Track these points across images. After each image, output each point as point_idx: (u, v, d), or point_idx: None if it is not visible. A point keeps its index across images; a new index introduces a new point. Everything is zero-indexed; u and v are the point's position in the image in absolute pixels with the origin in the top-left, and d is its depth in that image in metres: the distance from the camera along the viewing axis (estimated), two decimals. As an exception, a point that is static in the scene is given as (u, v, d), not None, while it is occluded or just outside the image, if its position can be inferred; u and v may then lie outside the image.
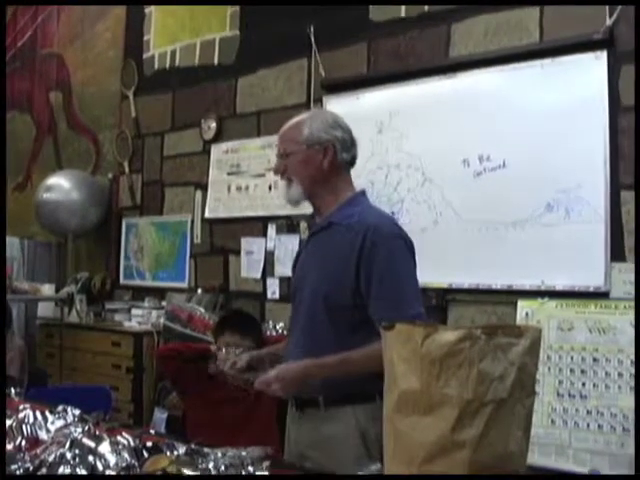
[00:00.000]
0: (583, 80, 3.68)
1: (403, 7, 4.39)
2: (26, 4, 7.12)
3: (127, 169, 6.00)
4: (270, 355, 2.66)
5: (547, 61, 3.80)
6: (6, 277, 5.37)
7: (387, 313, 2.18)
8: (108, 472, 1.73)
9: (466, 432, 1.36)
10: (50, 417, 2.20)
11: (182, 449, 1.88)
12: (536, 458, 3.44)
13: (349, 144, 2.44)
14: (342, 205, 2.42)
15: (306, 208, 2.62)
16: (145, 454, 1.84)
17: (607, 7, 3.60)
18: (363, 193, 2.52)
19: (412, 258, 2.36)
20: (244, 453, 1.82)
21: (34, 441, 2.05)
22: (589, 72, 3.66)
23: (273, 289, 4.90)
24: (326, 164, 2.39)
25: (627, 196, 3.53)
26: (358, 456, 2.24)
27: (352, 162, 2.49)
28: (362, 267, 2.26)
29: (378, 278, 2.24)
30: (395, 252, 2.28)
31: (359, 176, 4.30)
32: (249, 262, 5.08)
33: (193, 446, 1.91)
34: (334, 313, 2.32)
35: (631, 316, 3.38)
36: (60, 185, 5.94)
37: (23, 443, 2.03)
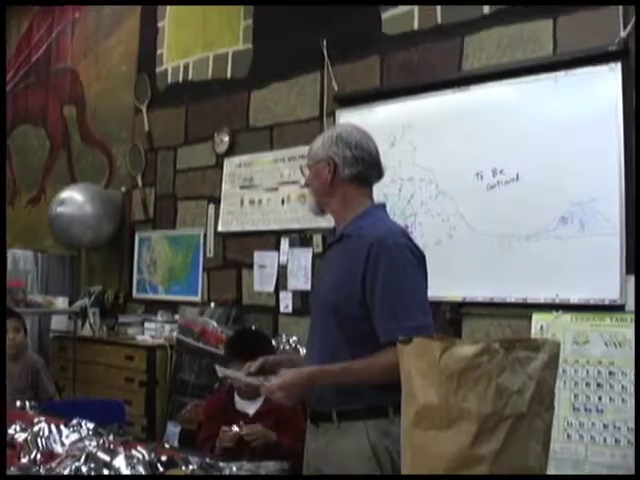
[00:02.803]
0: (597, 92, 3.66)
1: (416, 20, 4.39)
2: (26, 4, 7.15)
3: (140, 183, 6.02)
4: (288, 360, 2.67)
5: (561, 73, 3.79)
6: (18, 287, 5.41)
7: (387, 325, 2.21)
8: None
9: (485, 447, 1.35)
10: (65, 430, 2.21)
11: (197, 463, 1.88)
12: (552, 473, 3.41)
13: (351, 160, 2.43)
14: (356, 218, 2.44)
15: (319, 222, 2.65)
16: (160, 468, 1.84)
17: (621, 19, 3.59)
18: (382, 206, 2.53)
19: (419, 268, 2.34)
20: (260, 467, 1.82)
21: (49, 455, 2.05)
22: (603, 84, 3.64)
23: (286, 303, 4.89)
24: (329, 179, 2.44)
25: (642, 208, 3.51)
26: (370, 471, 2.24)
27: (360, 177, 2.46)
28: (367, 278, 2.27)
29: (380, 289, 2.25)
30: (399, 262, 2.27)
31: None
32: (262, 276, 5.07)
33: (208, 460, 1.90)
34: (344, 323, 2.33)
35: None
36: (74, 199, 5.96)
37: (38, 457, 2.03)
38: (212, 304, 5.23)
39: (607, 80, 3.63)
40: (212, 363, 4.70)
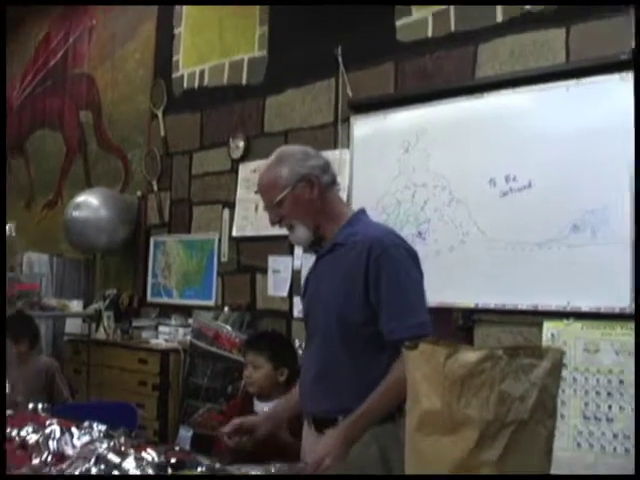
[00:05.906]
0: (609, 101, 3.66)
1: (430, 28, 4.41)
2: (28, 4, 7.20)
3: (155, 187, 6.06)
4: (265, 420, 2.62)
5: (573, 82, 3.79)
6: (33, 290, 5.44)
7: (392, 323, 2.24)
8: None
9: (487, 453, 1.36)
10: (76, 433, 2.23)
11: (206, 466, 1.90)
12: (562, 480, 3.40)
13: (325, 167, 2.48)
14: (343, 226, 2.45)
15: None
16: (169, 470, 1.86)
17: (633, 28, 3.59)
18: (363, 212, 2.56)
19: (417, 267, 2.38)
20: (272, 469, 1.84)
21: (60, 456, 2.07)
22: (615, 93, 3.64)
23: (300, 308, 4.90)
24: (316, 194, 2.43)
25: (654, 217, 3.51)
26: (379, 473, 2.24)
27: (335, 181, 2.52)
28: (370, 280, 2.29)
29: (385, 288, 2.27)
30: (399, 262, 2.31)
31: (386, 194, 4.37)
32: (276, 280, 5.09)
33: (218, 465, 1.92)
34: (348, 330, 2.34)
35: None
36: (89, 203, 6.00)
37: (49, 458, 2.06)
38: (226, 309, 5.25)
39: (619, 89, 3.62)
40: (225, 367, 4.76)
